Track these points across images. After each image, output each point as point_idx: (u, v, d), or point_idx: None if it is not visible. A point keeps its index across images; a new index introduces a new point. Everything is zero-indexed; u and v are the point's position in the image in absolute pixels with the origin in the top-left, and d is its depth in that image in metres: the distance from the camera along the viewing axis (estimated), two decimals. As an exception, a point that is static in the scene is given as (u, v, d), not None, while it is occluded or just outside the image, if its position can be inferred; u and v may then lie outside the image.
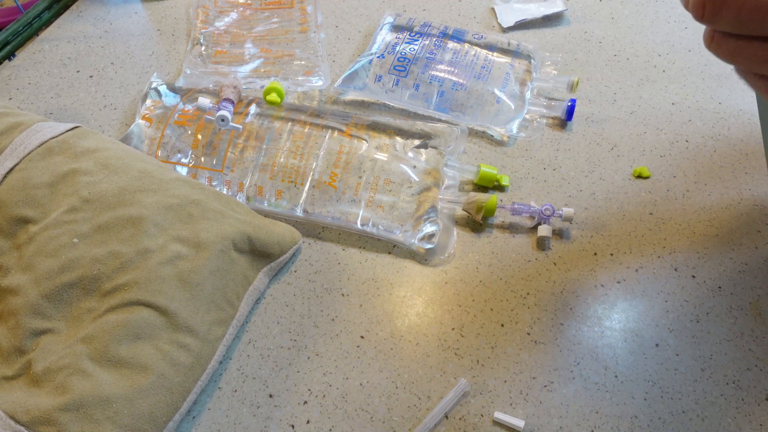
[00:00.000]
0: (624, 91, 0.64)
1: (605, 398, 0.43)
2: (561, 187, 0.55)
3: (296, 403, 0.42)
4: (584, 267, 0.50)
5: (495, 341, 0.45)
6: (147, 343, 0.39)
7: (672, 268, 0.50)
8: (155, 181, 0.46)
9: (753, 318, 0.47)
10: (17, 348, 0.39)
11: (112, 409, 0.37)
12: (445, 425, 0.41)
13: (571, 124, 0.60)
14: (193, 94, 0.56)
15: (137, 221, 0.43)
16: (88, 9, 0.74)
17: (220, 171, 0.52)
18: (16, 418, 0.36)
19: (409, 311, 0.47)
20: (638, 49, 0.68)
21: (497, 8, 0.72)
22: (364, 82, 0.60)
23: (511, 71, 0.60)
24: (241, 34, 0.64)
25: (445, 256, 0.50)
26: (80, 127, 0.50)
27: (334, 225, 0.51)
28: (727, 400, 0.42)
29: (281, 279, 0.49)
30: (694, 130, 0.60)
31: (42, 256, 0.41)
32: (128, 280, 0.41)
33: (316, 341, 0.45)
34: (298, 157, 0.51)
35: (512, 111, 0.58)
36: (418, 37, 0.62)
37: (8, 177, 0.45)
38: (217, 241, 0.44)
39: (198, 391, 0.41)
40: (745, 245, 0.51)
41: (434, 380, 0.43)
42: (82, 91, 0.64)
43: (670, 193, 0.55)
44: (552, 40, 0.69)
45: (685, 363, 0.44)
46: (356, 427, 0.41)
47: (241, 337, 0.46)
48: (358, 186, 0.50)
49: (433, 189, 0.51)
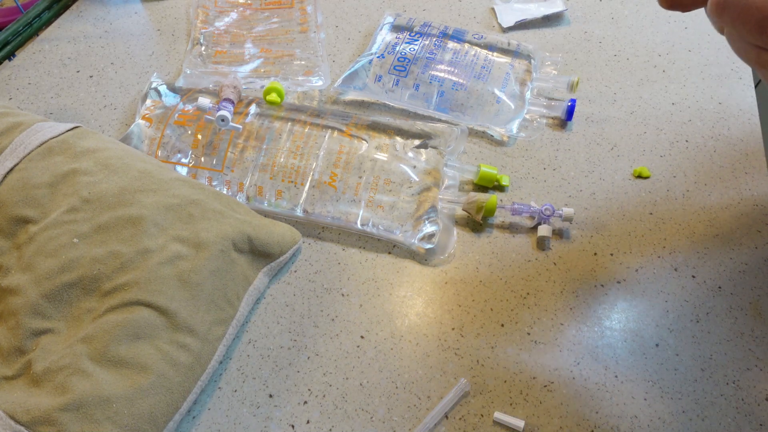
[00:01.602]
0: (624, 91, 0.64)
1: (605, 398, 0.43)
2: (561, 187, 0.55)
3: (296, 403, 0.42)
4: (584, 267, 0.50)
5: (495, 341, 0.45)
6: (147, 343, 0.39)
7: (672, 268, 0.50)
8: (155, 181, 0.46)
9: (753, 318, 0.47)
10: (17, 348, 0.39)
11: (112, 409, 0.37)
12: (445, 425, 0.41)
13: (571, 124, 0.60)
14: (193, 94, 0.56)
15: (137, 221, 0.43)
16: (88, 9, 0.74)
17: (220, 171, 0.52)
18: (16, 418, 0.36)
19: (409, 311, 0.47)
20: (638, 49, 0.68)
21: (497, 8, 0.72)
22: (364, 82, 0.60)
23: (511, 71, 0.60)
24: (241, 34, 0.64)
25: (445, 256, 0.50)
26: (80, 127, 0.50)
27: (334, 225, 0.51)
28: (727, 400, 0.42)
29: (281, 279, 0.49)
30: (694, 130, 0.60)
31: (42, 256, 0.41)
32: (128, 280, 0.41)
33: (316, 341, 0.45)
34: (298, 157, 0.51)
35: (512, 111, 0.58)
36: (418, 37, 0.62)
37: (8, 177, 0.45)
38: (217, 241, 0.44)
39: (198, 391, 0.41)
40: (745, 245, 0.51)
41: (434, 380, 0.43)
42: (82, 91, 0.64)
43: (670, 193, 0.55)
44: (552, 40, 0.69)
45: (685, 363, 0.44)
46: (356, 427, 0.41)
47: (241, 337, 0.46)
48: (358, 186, 0.50)
49: (433, 189, 0.51)
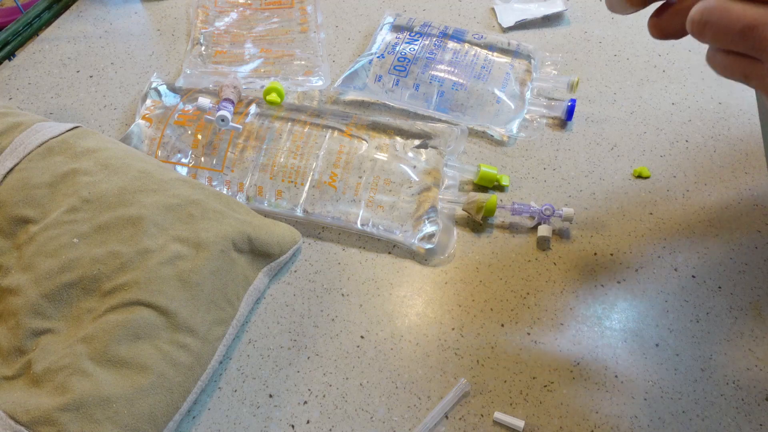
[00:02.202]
0: (624, 91, 0.64)
1: (605, 398, 0.43)
2: (561, 187, 0.55)
3: (296, 403, 0.42)
4: (584, 267, 0.50)
5: (495, 341, 0.45)
6: (147, 343, 0.39)
7: (672, 268, 0.50)
8: (155, 181, 0.46)
9: (753, 318, 0.47)
10: (17, 348, 0.39)
11: (112, 409, 0.37)
12: (445, 425, 0.41)
13: (571, 124, 0.60)
14: (193, 94, 0.56)
15: (137, 221, 0.43)
16: (88, 9, 0.74)
17: (220, 171, 0.52)
18: (16, 418, 0.36)
19: (409, 311, 0.47)
20: (638, 49, 0.68)
21: (497, 8, 0.72)
22: (364, 82, 0.60)
23: (511, 71, 0.60)
24: (241, 34, 0.64)
25: (445, 256, 0.50)
26: (80, 127, 0.50)
27: (334, 225, 0.51)
28: (727, 400, 0.42)
29: (281, 279, 0.49)
30: (694, 130, 0.60)
31: (42, 256, 0.41)
32: (128, 280, 0.41)
33: (316, 341, 0.45)
34: (298, 157, 0.51)
35: (512, 111, 0.58)
36: (418, 37, 0.62)
37: (8, 177, 0.45)
38: (217, 241, 0.44)
39: (198, 391, 0.41)
40: (745, 245, 0.51)
41: (434, 380, 0.43)
42: (82, 91, 0.64)
43: (670, 193, 0.55)
44: (552, 40, 0.69)
45: (685, 363, 0.44)
46: (356, 427, 0.41)
47: (241, 337, 0.46)
48: (358, 186, 0.50)
49: (433, 189, 0.51)
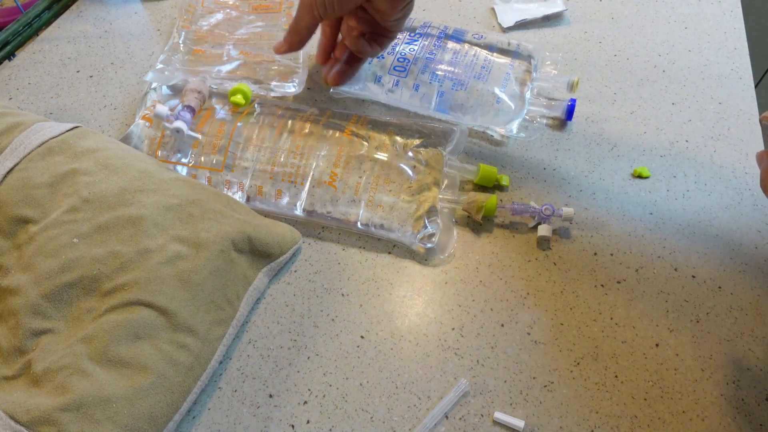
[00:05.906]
0: (624, 91, 0.64)
1: (605, 398, 0.43)
2: (561, 187, 0.55)
3: (296, 403, 0.42)
4: (584, 267, 0.50)
5: (495, 341, 0.45)
6: (147, 343, 0.39)
7: (672, 268, 0.50)
8: (155, 181, 0.46)
9: (753, 318, 0.47)
10: (17, 348, 0.39)
11: (112, 409, 0.37)
12: (445, 425, 0.41)
13: (571, 124, 0.60)
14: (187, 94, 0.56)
15: (137, 221, 0.43)
16: (88, 9, 0.74)
17: (220, 171, 0.52)
18: (16, 418, 0.36)
19: (409, 311, 0.47)
20: (638, 49, 0.68)
21: (497, 8, 0.72)
22: (363, 82, 0.60)
23: (511, 71, 0.60)
24: (224, 35, 0.63)
25: (445, 256, 0.50)
26: (80, 127, 0.50)
27: (334, 225, 0.51)
28: (727, 400, 0.42)
29: (281, 279, 0.49)
30: (694, 130, 0.60)
31: (42, 256, 0.41)
32: (128, 280, 0.41)
33: (316, 341, 0.45)
34: (298, 157, 0.51)
35: (512, 111, 0.58)
36: (417, 37, 0.62)
37: (8, 177, 0.45)
38: (217, 241, 0.44)
39: (198, 391, 0.41)
40: (745, 245, 0.51)
41: (434, 380, 0.43)
42: (82, 91, 0.64)
43: (670, 193, 0.55)
44: (552, 40, 0.69)
45: (685, 363, 0.44)
46: (356, 427, 0.41)
47: (241, 337, 0.46)
48: (358, 186, 0.50)
49: (433, 189, 0.51)
